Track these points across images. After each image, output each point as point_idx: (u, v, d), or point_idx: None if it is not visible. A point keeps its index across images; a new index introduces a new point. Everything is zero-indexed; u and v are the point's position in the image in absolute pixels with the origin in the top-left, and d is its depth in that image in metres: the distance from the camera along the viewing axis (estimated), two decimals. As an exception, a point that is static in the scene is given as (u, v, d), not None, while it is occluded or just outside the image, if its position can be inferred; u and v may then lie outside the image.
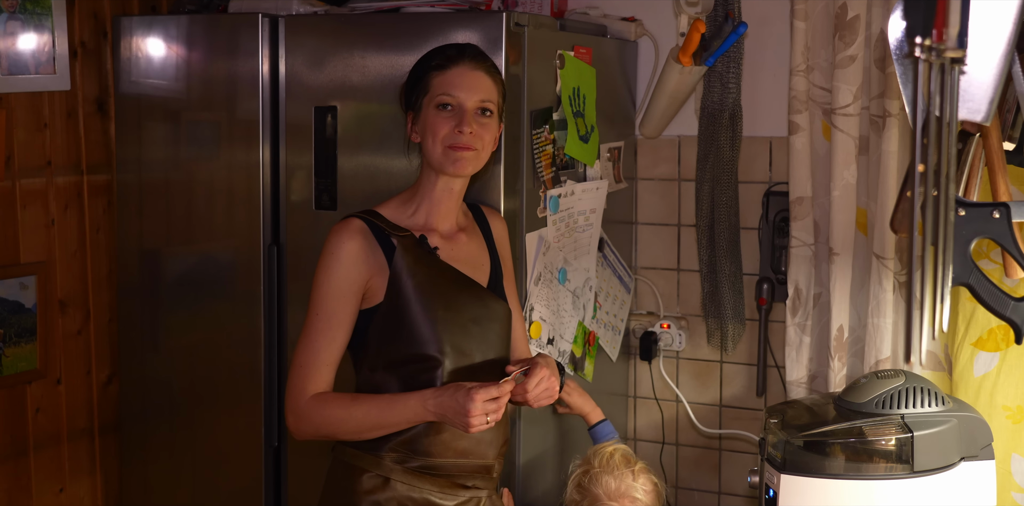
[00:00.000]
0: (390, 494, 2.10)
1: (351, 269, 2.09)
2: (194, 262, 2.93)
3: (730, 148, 3.11)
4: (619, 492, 2.49)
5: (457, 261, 2.19)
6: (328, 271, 2.10)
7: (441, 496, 2.12)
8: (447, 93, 2.12)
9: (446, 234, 2.21)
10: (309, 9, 2.82)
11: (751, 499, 3.24)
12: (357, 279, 2.09)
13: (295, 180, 2.80)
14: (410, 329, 2.09)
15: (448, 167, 2.13)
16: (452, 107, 2.12)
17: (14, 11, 2.89)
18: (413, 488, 2.10)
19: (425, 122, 2.14)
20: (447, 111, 2.12)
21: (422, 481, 2.11)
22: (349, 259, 2.09)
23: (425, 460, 2.11)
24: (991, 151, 1.94)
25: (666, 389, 3.34)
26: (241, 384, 2.86)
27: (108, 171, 3.15)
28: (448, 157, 2.12)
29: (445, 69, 2.14)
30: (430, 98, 2.14)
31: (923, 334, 1.46)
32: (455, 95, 2.12)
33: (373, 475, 2.12)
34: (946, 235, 1.46)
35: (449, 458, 2.12)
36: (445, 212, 2.21)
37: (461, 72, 2.14)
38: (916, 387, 2.26)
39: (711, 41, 3.04)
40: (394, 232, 2.11)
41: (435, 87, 2.14)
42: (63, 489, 3.10)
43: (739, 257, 3.17)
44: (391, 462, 2.11)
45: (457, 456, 2.13)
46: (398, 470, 2.10)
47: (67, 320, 3.09)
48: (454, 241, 2.22)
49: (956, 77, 1.39)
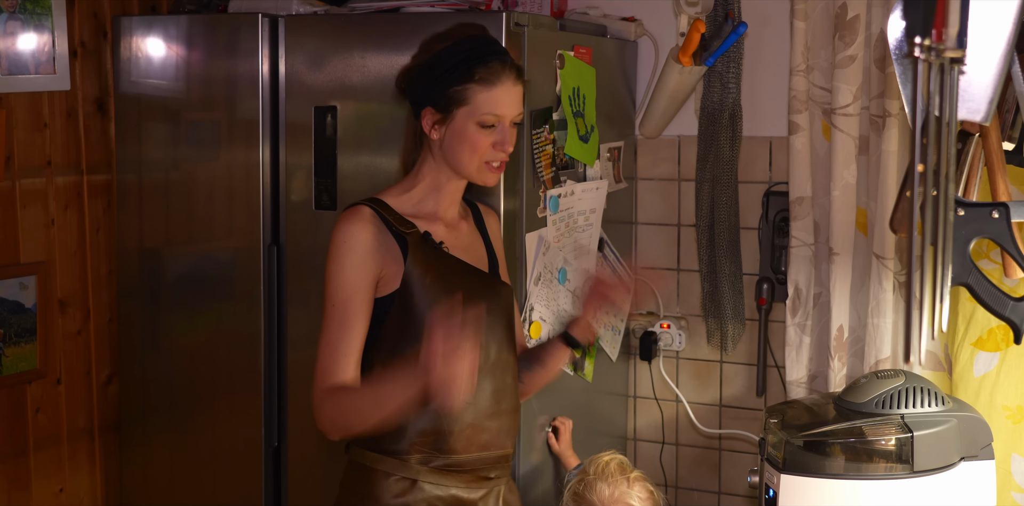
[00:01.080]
0: (419, 496, 2.08)
1: (366, 259, 2.05)
2: (194, 262, 2.93)
3: (730, 148, 3.11)
4: (613, 499, 2.50)
5: (461, 250, 2.18)
6: (341, 262, 2.05)
7: (467, 491, 2.12)
8: (493, 113, 2.07)
9: (450, 222, 2.19)
10: (309, 9, 2.82)
11: (751, 499, 3.24)
12: (372, 268, 2.06)
13: (295, 180, 2.80)
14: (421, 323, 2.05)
15: (479, 179, 2.12)
16: (495, 125, 2.09)
17: (14, 11, 2.89)
18: (440, 487, 2.09)
19: (461, 133, 2.08)
20: (489, 128, 2.08)
21: (449, 478, 2.10)
22: (363, 248, 2.05)
23: (449, 457, 2.10)
24: (991, 151, 1.94)
25: (666, 389, 3.34)
26: (241, 384, 2.86)
27: (108, 171, 3.15)
28: (482, 172, 2.11)
29: (491, 85, 2.06)
30: (470, 112, 2.07)
31: (923, 334, 1.46)
32: (500, 115, 2.08)
33: (399, 478, 2.09)
34: (945, 235, 1.46)
35: (473, 452, 2.12)
36: (450, 203, 2.20)
37: (506, 89, 2.08)
38: (916, 387, 2.26)
39: (711, 41, 3.04)
40: (401, 228, 2.09)
41: (480, 104, 2.06)
42: (63, 489, 3.10)
43: (739, 257, 3.17)
44: (417, 463, 2.08)
45: (480, 449, 2.13)
46: (424, 470, 2.09)
47: (67, 320, 3.09)
48: (458, 230, 2.20)
49: (956, 77, 1.39)
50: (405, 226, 2.09)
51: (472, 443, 2.12)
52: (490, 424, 2.13)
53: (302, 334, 2.83)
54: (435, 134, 2.11)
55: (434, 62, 2.09)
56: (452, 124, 2.09)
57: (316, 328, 2.79)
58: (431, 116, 2.10)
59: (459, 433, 2.10)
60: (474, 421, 2.11)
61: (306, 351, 2.83)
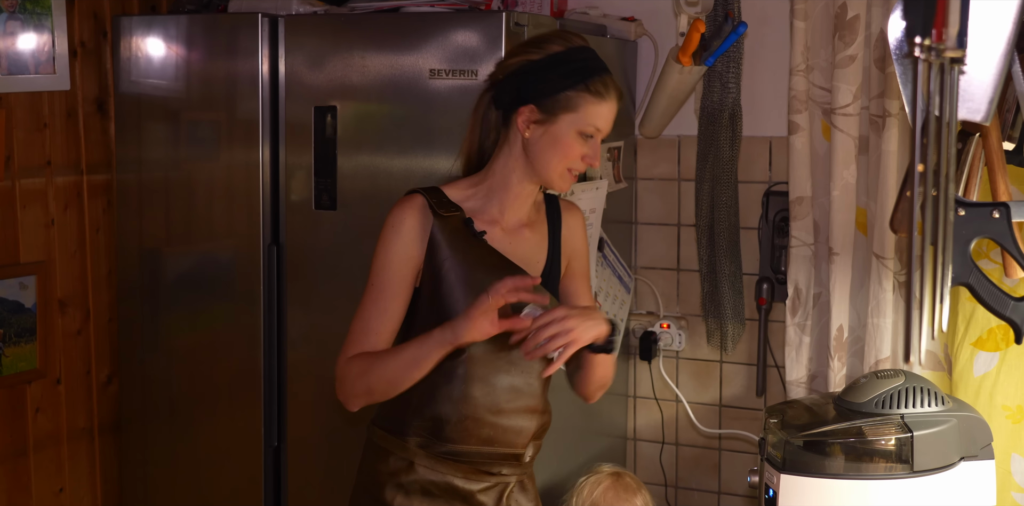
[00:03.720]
0: (413, 477, 2.09)
1: (409, 244, 2.05)
2: (194, 262, 2.93)
3: (730, 148, 3.11)
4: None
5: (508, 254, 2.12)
6: (386, 244, 2.06)
7: (464, 481, 2.11)
8: (597, 126, 2.08)
9: (510, 227, 2.14)
10: (309, 9, 2.82)
11: (751, 499, 3.24)
12: (415, 255, 2.06)
13: (295, 180, 2.80)
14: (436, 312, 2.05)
15: (557, 185, 2.10)
16: (592, 136, 2.09)
17: (14, 11, 2.89)
18: (435, 472, 2.09)
19: (559, 137, 2.06)
20: (587, 139, 2.08)
21: (445, 466, 2.10)
22: (409, 233, 2.05)
23: (446, 446, 2.09)
24: (991, 151, 1.94)
25: (666, 389, 3.34)
26: (241, 384, 2.86)
27: (108, 171, 3.15)
28: (563, 178, 2.09)
29: (602, 98, 2.07)
30: (575, 120, 2.06)
31: (923, 334, 1.46)
32: (601, 129, 2.09)
33: (399, 458, 2.11)
34: (946, 235, 1.46)
35: (472, 445, 2.10)
36: (519, 207, 2.15)
37: (611, 106, 2.10)
38: (916, 387, 2.26)
39: (711, 41, 3.04)
40: (440, 211, 2.06)
41: (588, 114, 2.06)
42: (63, 489, 3.10)
43: (739, 257, 3.17)
44: (415, 446, 2.09)
45: (481, 444, 2.11)
46: (421, 454, 2.09)
47: (67, 320, 3.09)
48: (515, 235, 2.15)
49: (956, 77, 1.39)
50: (446, 210, 2.07)
51: (471, 435, 2.09)
52: (496, 420, 2.10)
53: (302, 334, 2.83)
54: (528, 133, 2.07)
55: (552, 62, 2.06)
56: (552, 127, 2.06)
57: (316, 328, 2.81)
58: (531, 114, 2.06)
59: (457, 423, 2.08)
60: (475, 414, 2.08)
61: (306, 351, 2.84)
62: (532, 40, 2.13)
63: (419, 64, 2.65)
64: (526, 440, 2.16)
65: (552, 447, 2.84)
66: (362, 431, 2.21)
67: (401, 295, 2.07)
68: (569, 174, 2.09)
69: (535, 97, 2.06)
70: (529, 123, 2.07)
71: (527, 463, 2.19)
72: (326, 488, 2.84)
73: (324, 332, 2.77)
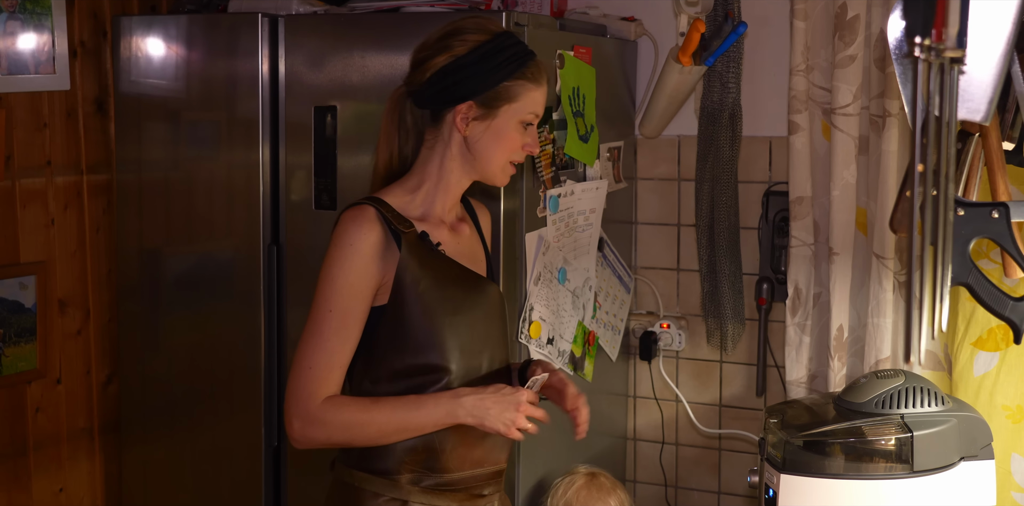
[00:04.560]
0: None
1: (370, 263, 1.93)
2: (194, 262, 2.93)
3: (730, 148, 3.11)
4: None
5: (460, 255, 2.06)
6: (344, 264, 1.93)
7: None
8: (536, 113, 2.02)
9: (453, 225, 2.09)
10: (309, 9, 2.82)
11: (751, 499, 3.24)
12: (376, 274, 1.94)
13: (295, 180, 2.80)
14: (416, 337, 1.97)
15: (500, 180, 2.03)
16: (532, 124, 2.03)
17: (14, 11, 2.89)
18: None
19: (501, 130, 1.99)
20: (526, 127, 2.02)
21: (441, 498, 2.00)
22: (369, 252, 1.93)
23: (442, 476, 2.00)
24: (990, 151, 1.94)
25: (666, 389, 3.34)
26: (241, 384, 2.86)
27: (108, 171, 3.15)
28: (504, 172, 2.02)
29: (538, 84, 2.00)
30: (517, 110, 1.99)
31: (923, 334, 1.46)
32: (539, 115, 2.03)
33: (388, 499, 1.98)
34: (945, 235, 1.46)
35: (467, 470, 2.03)
36: (453, 202, 2.09)
37: (544, 91, 2.03)
38: (916, 387, 2.26)
39: (711, 41, 3.04)
40: (399, 227, 1.96)
41: (528, 102, 2.00)
42: (62, 489, 3.10)
43: (739, 257, 3.17)
44: (407, 483, 1.99)
45: (474, 466, 2.03)
46: (416, 491, 1.98)
47: (67, 320, 3.09)
48: (458, 233, 2.09)
49: (956, 77, 1.39)
50: (403, 225, 1.97)
51: (465, 461, 2.02)
52: (483, 440, 2.02)
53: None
54: (468, 130, 1.99)
55: (482, 55, 1.96)
56: (495, 122, 1.98)
57: (316, 328, 2.80)
58: (469, 111, 1.98)
59: (451, 451, 2.00)
60: (466, 438, 2.00)
61: (306, 351, 2.83)
62: (448, 32, 2.01)
63: (419, 64, 2.65)
64: (507, 454, 2.11)
65: (552, 447, 2.84)
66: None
67: (361, 321, 1.95)
68: (511, 167, 2.03)
69: (472, 93, 1.98)
70: (468, 120, 1.99)
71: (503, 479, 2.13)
72: (326, 488, 2.84)
73: (324, 332, 2.76)
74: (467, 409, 1.92)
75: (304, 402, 1.91)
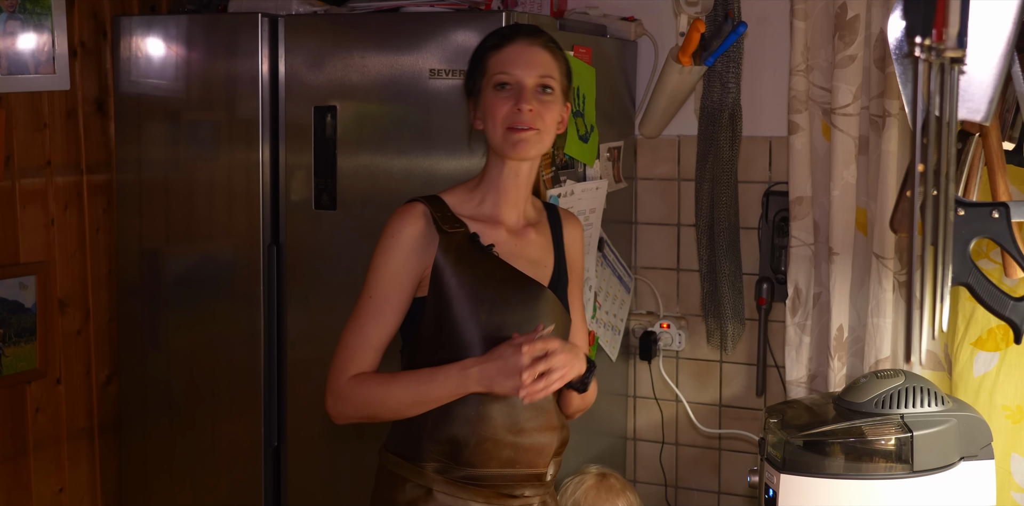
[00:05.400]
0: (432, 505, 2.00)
1: (410, 255, 1.99)
2: (194, 262, 2.93)
3: (730, 148, 3.11)
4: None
5: (517, 257, 2.06)
6: (386, 254, 2.00)
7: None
8: (504, 71, 2.01)
9: (513, 227, 2.09)
10: (309, 9, 2.82)
11: (751, 499, 3.24)
12: (416, 266, 2.00)
13: (295, 180, 2.80)
14: (450, 332, 1.99)
15: (509, 150, 2.01)
16: (510, 86, 2.01)
17: (14, 11, 2.89)
18: (456, 499, 2.00)
19: (484, 105, 2.03)
20: (505, 91, 2.01)
21: (465, 492, 2.00)
22: (409, 244, 2.00)
23: (466, 470, 2.00)
24: (991, 151, 1.94)
25: (666, 389, 3.34)
26: (241, 384, 2.86)
27: (108, 171, 3.15)
28: (508, 140, 2.00)
29: (501, 48, 2.03)
30: (488, 79, 2.03)
31: (923, 334, 1.46)
32: (512, 73, 2.01)
33: (415, 485, 2.01)
34: (946, 235, 1.46)
35: (493, 468, 2.01)
36: (513, 201, 2.08)
37: (517, 49, 2.03)
38: (916, 387, 2.26)
39: (711, 41, 3.04)
40: (444, 226, 2.00)
41: (492, 67, 2.03)
42: (63, 489, 3.10)
43: (739, 257, 3.17)
44: (433, 472, 2.00)
45: (502, 466, 2.02)
46: (440, 480, 2.00)
47: (67, 320, 3.09)
48: (521, 236, 2.09)
49: (956, 77, 1.39)
50: (451, 225, 2.01)
51: (492, 458, 2.01)
52: (516, 440, 2.01)
53: (302, 334, 2.83)
54: (478, 123, 2.06)
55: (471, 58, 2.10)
56: (481, 101, 2.04)
57: (316, 328, 2.81)
58: (472, 106, 2.07)
59: (476, 446, 1.99)
60: (494, 435, 2.00)
61: (306, 351, 2.84)
62: None
63: (419, 64, 2.65)
64: (547, 458, 2.07)
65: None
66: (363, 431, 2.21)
67: (401, 308, 2.02)
68: (513, 133, 2.01)
69: (468, 92, 2.10)
70: (475, 115, 2.07)
71: (549, 482, 2.10)
72: (326, 488, 2.84)
73: (324, 332, 2.76)
74: (474, 379, 1.94)
75: (335, 380, 2.01)
